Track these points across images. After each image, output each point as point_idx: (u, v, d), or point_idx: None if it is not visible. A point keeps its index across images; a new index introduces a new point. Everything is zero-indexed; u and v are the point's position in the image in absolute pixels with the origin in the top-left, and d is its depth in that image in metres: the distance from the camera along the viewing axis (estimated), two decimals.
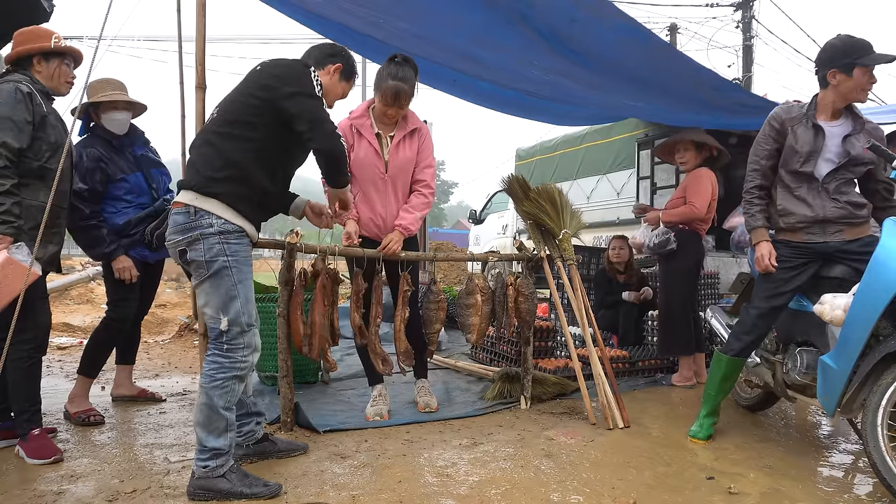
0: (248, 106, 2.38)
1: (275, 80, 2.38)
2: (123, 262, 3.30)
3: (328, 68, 2.65)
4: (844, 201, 2.79)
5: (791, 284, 2.87)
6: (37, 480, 2.47)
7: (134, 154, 3.49)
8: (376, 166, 3.31)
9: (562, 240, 3.60)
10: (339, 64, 2.67)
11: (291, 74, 2.40)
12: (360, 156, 3.30)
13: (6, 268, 2.44)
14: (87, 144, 3.34)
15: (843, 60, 2.74)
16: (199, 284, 2.36)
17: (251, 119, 2.37)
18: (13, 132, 2.60)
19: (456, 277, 11.51)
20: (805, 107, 2.90)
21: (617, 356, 4.46)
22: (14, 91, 2.65)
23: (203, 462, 2.30)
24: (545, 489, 2.43)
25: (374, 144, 3.30)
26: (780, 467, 2.75)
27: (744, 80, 13.18)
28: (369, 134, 3.31)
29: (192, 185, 2.34)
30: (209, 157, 2.37)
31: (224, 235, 2.32)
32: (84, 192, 3.24)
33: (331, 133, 2.40)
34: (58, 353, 5.28)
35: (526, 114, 5.60)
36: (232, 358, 2.34)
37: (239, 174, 2.35)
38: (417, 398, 3.53)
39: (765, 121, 2.99)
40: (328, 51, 2.70)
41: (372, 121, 3.34)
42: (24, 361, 2.68)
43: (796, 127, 2.87)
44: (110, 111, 3.38)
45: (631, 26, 3.40)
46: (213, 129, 2.41)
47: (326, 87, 2.59)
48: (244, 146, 2.36)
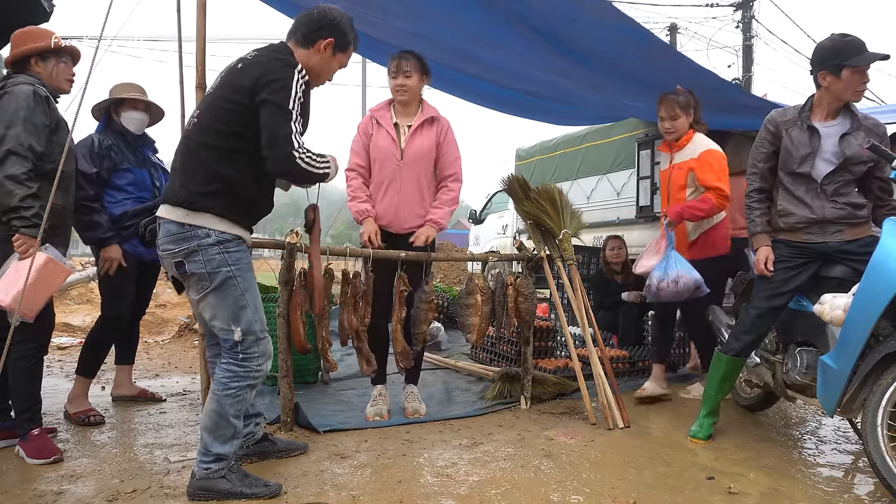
0: (229, 112, 2.24)
1: (253, 82, 2.22)
2: (112, 253, 3.28)
3: (318, 45, 2.40)
4: (844, 202, 2.79)
5: (791, 284, 2.87)
6: (37, 480, 2.47)
7: (144, 153, 3.57)
8: (393, 154, 3.39)
9: (562, 240, 3.60)
10: (330, 38, 2.41)
11: (270, 78, 2.21)
12: (379, 144, 3.41)
13: (45, 268, 2.49)
14: (102, 134, 3.43)
15: (832, 62, 2.74)
16: (202, 298, 2.29)
17: (234, 128, 2.24)
18: (35, 135, 2.63)
19: (456, 277, 11.51)
20: (799, 108, 2.91)
21: (617, 356, 4.46)
22: (33, 94, 2.67)
23: (206, 465, 2.29)
24: (545, 489, 2.43)
25: (391, 133, 3.40)
26: (780, 467, 2.75)
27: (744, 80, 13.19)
28: (388, 124, 3.42)
29: (182, 203, 2.25)
30: (194, 170, 2.27)
31: (223, 245, 2.27)
32: (92, 175, 3.28)
33: (285, 156, 2.20)
34: (58, 353, 5.28)
35: (526, 114, 5.60)
36: (247, 367, 2.32)
37: (226, 188, 2.27)
38: (406, 404, 3.48)
39: (762, 124, 3.00)
40: (317, 23, 2.40)
41: (392, 113, 3.46)
42: (25, 361, 2.69)
43: (791, 129, 2.88)
44: (130, 110, 3.48)
45: (631, 27, 3.41)
46: (196, 137, 2.29)
47: (317, 67, 2.42)
48: (229, 157, 2.26)
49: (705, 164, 3.58)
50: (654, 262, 3.53)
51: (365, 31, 3.84)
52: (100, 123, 3.49)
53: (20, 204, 2.55)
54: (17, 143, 2.58)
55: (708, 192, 3.55)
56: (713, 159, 3.59)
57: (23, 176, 2.57)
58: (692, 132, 3.71)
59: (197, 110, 2.37)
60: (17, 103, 2.63)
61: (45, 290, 2.52)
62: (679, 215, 3.57)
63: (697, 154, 3.62)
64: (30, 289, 2.44)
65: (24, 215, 2.55)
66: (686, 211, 3.55)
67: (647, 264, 3.56)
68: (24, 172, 2.57)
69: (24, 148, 2.58)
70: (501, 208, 10.82)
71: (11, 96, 2.66)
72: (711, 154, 3.61)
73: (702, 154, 3.60)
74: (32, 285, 2.44)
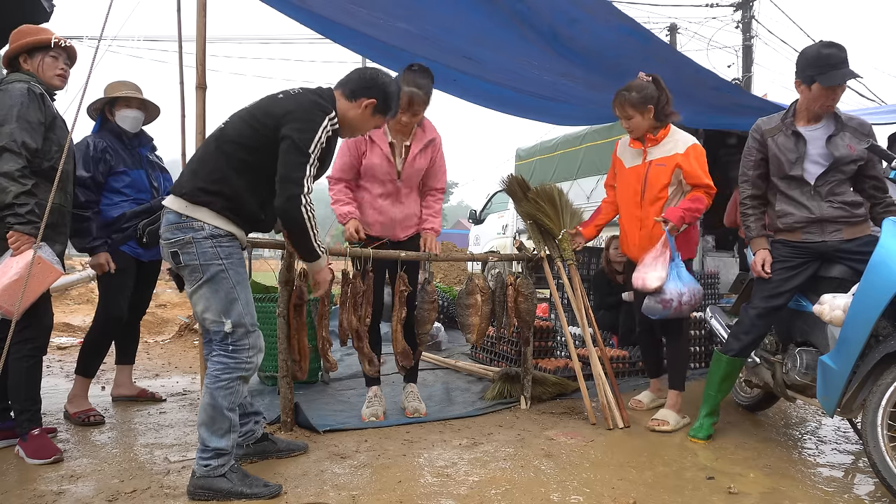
0: (252, 130, 2.34)
1: (283, 113, 2.33)
2: (100, 260, 3.28)
3: (360, 101, 2.51)
4: (840, 202, 2.79)
5: (790, 284, 2.88)
6: (37, 480, 2.47)
7: (140, 153, 3.55)
8: (388, 172, 3.32)
9: (561, 240, 3.59)
10: (373, 100, 2.52)
11: (299, 116, 2.31)
12: (373, 162, 3.29)
13: (34, 267, 2.48)
14: (97, 136, 3.42)
15: (807, 72, 2.75)
16: (196, 290, 2.33)
17: (252, 144, 2.34)
18: (29, 133, 2.63)
19: (456, 277, 11.51)
20: (783, 115, 2.92)
21: (617, 356, 4.46)
22: (27, 91, 2.67)
23: (205, 461, 2.30)
24: (545, 489, 2.43)
25: (385, 152, 3.28)
26: (780, 467, 2.75)
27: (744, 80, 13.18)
28: (382, 142, 3.28)
29: (184, 193, 2.32)
30: (207, 169, 2.35)
31: (216, 239, 2.31)
32: (86, 180, 3.27)
33: (291, 196, 2.28)
34: (58, 353, 5.28)
35: (526, 114, 5.59)
36: (237, 359, 2.34)
37: (231, 193, 2.33)
38: (406, 403, 3.48)
39: (749, 132, 3.02)
40: (366, 83, 2.53)
41: (386, 129, 3.29)
42: (25, 361, 2.69)
43: (776, 136, 2.90)
44: (123, 108, 3.46)
45: (631, 27, 3.41)
46: (217, 142, 2.38)
47: (353, 121, 2.53)
48: (240, 167, 2.34)
49: (693, 160, 3.28)
50: (662, 274, 3.14)
51: (365, 32, 3.85)
52: (96, 124, 3.48)
53: (14, 201, 2.56)
54: (11, 139, 2.58)
55: (696, 189, 3.28)
56: (700, 154, 3.33)
57: (17, 173, 2.57)
58: (669, 126, 3.38)
59: (227, 119, 2.45)
60: (11, 100, 2.63)
61: (32, 288, 2.50)
62: (681, 220, 3.22)
63: (684, 149, 3.29)
64: (15, 285, 2.45)
65: (19, 212, 2.56)
66: (687, 214, 3.22)
67: (661, 276, 3.13)
68: (19, 169, 2.58)
69: (17, 145, 2.58)
70: (501, 208, 10.82)
71: (5, 94, 2.66)
72: (697, 149, 3.33)
73: (689, 149, 3.30)
74: (17, 282, 2.45)
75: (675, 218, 3.19)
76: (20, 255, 2.55)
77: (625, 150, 3.51)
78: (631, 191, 3.43)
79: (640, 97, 3.27)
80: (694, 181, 3.28)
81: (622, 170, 3.51)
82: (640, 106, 3.28)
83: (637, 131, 3.36)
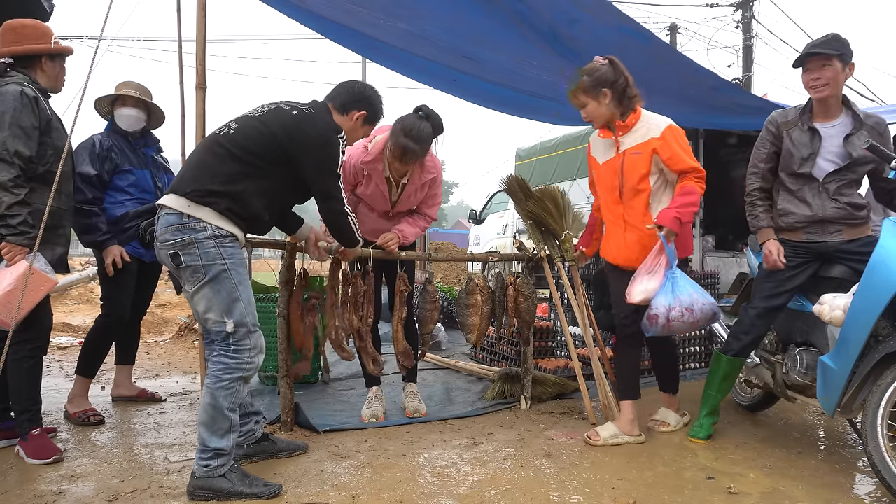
0: (265, 137, 2.39)
1: (305, 140, 2.42)
2: (113, 252, 3.28)
3: (352, 114, 2.66)
4: (844, 202, 2.78)
5: (790, 284, 2.88)
6: (37, 480, 2.47)
7: (146, 154, 3.57)
8: (382, 204, 3.31)
9: (564, 240, 3.60)
10: (363, 112, 2.67)
11: (321, 144, 2.44)
12: (367, 192, 3.25)
13: (28, 277, 2.47)
14: (104, 135, 3.45)
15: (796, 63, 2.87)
16: (197, 290, 2.33)
17: (265, 153, 2.39)
18: (23, 139, 2.60)
19: (456, 277, 11.52)
20: (800, 110, 2.91)
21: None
22: (20, 95, 2.62)
23: (205, 461, 2.30)
24: (545, 489, 2.43)
25: (381, 188, 3.22)
26: (780, 467, 2.75)
27: (744, 80, 13.18)
28: (379, 178, 3.19)
29: (187, 193, 2.31)
30: (213, 171, 2.35)
31: (219, 239, 2.31)
32: (92, 177, 3.28)
33: (339, 213, 2.61)
34: (58, 353, 5.28)
35: (526, 114, 5.60)
36: (238, 359, 2.34)
37: (237, 195, 2.34)
38: (406, 403, 3.48)
39: (763, 124, 3.00)
40: (356, 96, 2.68)
41: (385, 164, 3.15)
42: (25, 361, 2.69)
43: (791, 130, 2.89)
44: (120, 107, 3.49)
45: (631, 27, 3.41)
46: (225, 144, 2.38)
47: (347, 133, 2.62)
48: (248, 171, 2.36)
49: (673, 142, 2.89)
50: (654, 286, 2.79)
51: (365, 32, 3.85)
52: (108, 124, 3.51)
53: (7, 212, 2.53)
54: (3, 148, 2.54)
55: (683, 177, 2.89)
56: (679, 135, 2.93)
57: (9, 183, 2.54)
58: (639, 109, 2.99)
59: (235, 123, 2.46)
60: (3, 106, 2.59)
61: (27, 299, 2.48)
62: (677, 221, 2.79)
63: (659, 133, 2.90)
64: (9, 296, 2.44)
65: (11, 223, 2.53)
66: (682, 213, 2.80)
67: (647, 289, 2.80)
68: (11, 179, 2.54)
69: (10, 154, 2.55)
70: (501, 208, 10.82)
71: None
72: (675, 130, 2.93)
73: (665, 131, 2.90)
74: (11, 293, 2.45)
75: (668, 221, 2.78)
76: (14, 265, 2.53)
77: (597, 146, 3.17)
78: (608, 187, 3.07)
79: (592, 80, 2.91)
80: (677, 166, 2.88)
81: (597, 167, 3.15)
82: (592, 91, 2.91)
83: (597, 119, 2.99)
